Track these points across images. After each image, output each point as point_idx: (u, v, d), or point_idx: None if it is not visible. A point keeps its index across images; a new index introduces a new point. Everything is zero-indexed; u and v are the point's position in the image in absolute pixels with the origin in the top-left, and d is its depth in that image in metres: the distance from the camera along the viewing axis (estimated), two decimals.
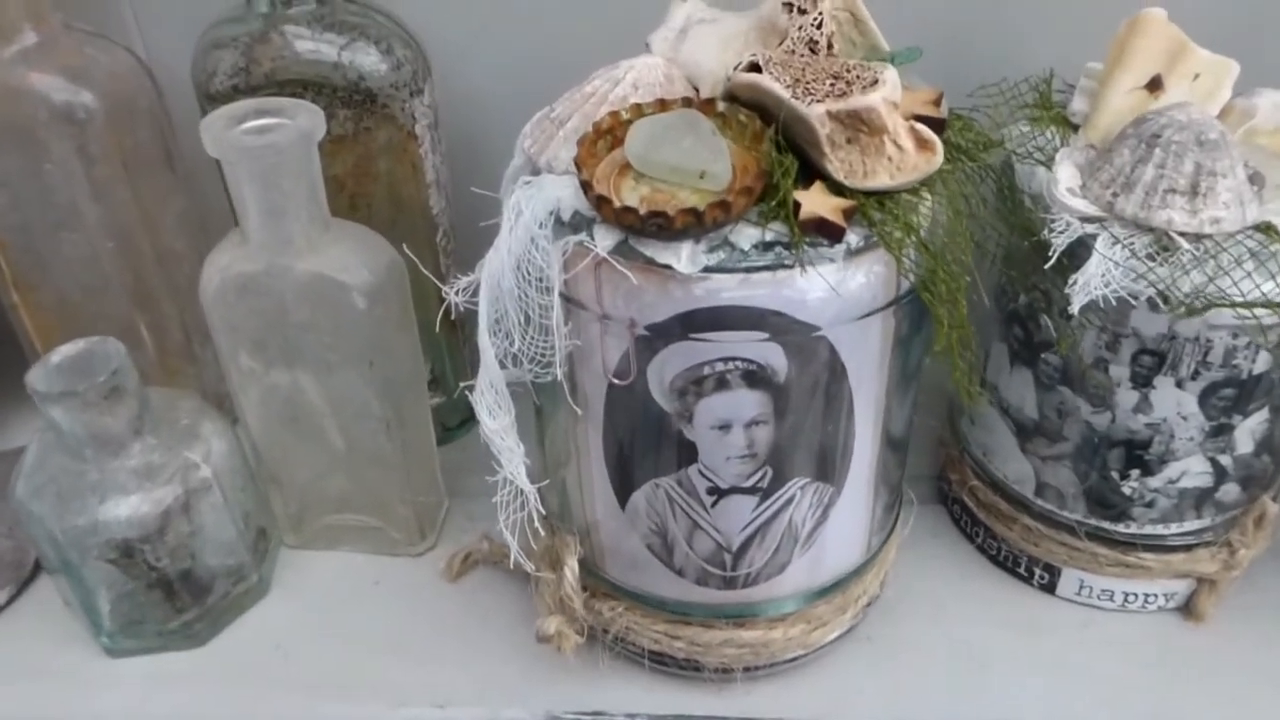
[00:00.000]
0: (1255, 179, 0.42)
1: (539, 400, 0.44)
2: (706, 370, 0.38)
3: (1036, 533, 0.52)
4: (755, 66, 0.38)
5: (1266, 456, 0.47)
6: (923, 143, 0.37)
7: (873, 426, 0.42)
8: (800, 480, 0.42)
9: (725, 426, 0.40)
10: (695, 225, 0.35)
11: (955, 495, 0.57)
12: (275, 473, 0.54)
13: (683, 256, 0.35)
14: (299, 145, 0.45)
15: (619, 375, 0.39)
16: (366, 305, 0.47)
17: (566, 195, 0.38)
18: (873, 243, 0.37)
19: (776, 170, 0.36)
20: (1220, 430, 0.45)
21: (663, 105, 0.38)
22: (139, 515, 0.47)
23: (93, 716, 0.49)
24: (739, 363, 0.38)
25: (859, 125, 0.36)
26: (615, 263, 0.36)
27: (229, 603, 0.53)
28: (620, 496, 0.44)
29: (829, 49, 0.40)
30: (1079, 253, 0.42)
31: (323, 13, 0.51)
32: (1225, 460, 0.47)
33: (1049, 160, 0.45)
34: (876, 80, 0.36)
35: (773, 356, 0.38)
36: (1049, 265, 0.42)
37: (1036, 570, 0.53)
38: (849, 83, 0.37)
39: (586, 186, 0.36)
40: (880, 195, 0.37)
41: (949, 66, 0.46)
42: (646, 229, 0.35)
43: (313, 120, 0.45)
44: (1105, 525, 0.50)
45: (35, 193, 0.53)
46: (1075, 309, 0.41)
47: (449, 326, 0.60)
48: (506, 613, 0.53)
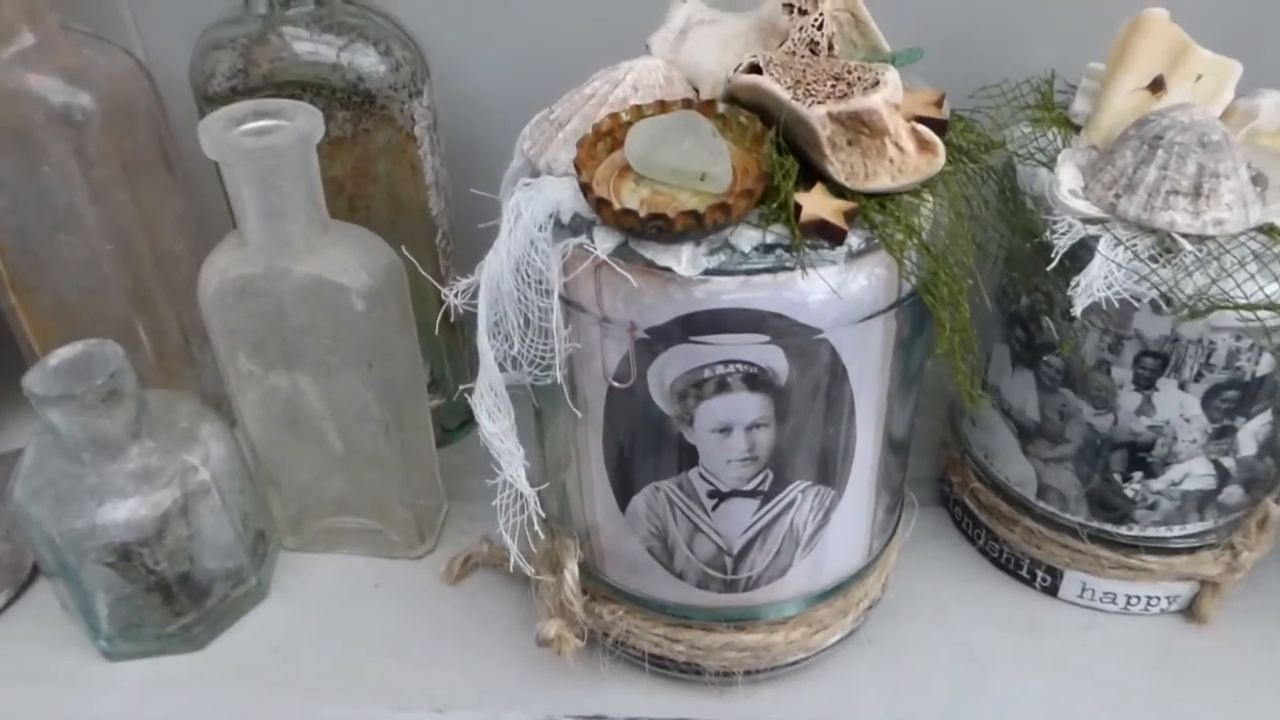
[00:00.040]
0: (1258, 180, 0.42)
1: (539, 403, 0.44)
2: (707, 373, 0.38)
3: (1038, 535, 0.52)
4: (756, 68, 0.38)
5: (1269, 459, 0.47)
6: (924, 144, 0.37)
7: (874, 429, 0.42)
8: (801, 483, 0.42)
9: (726, 429, 0.39)
10: (696, 228, 0.35)
11: (957, 497, 0.56)
12: (274, 475, 0.54)
13: (683, 259, 0.35)
14: (297, 147, 0.44)
15: (619, 378, 0.39)
16: (365, 307, 0.47)
17: (566, 197, 0.38)
18: (874, 245, 0.36)
19: (777, 172, 0.36)
20: (1223, 432, 0.45)
21: (663, 107, 0.38)
22: (137, 518, 0.47)
23: None
24: (740, 365, 0.38)
25: (860, 127, 0.36)
26: (615, 265, 0.36)
27: (228, 606, 0.52)
28: (620, 500, 0.43)
29: (830, 50, 0.40)
30: (1081, 254, 0.41)
31: (321, 14, 0.51)
32: (1228, 462, 0.46)
33: (1051, 161, 0.45)
34: (878, 81, 0.36)
35: (774, 359, 0.37)
36: (1051, 267, 0.41)
37: (1038, 573, 0.53)
38: (850, 84, 0.37)
39: (586, 189, 0.36)
40: (881, 197, 0.37)
41: (950, 67, 0.46)
42: (647, 231, 0.35)
43: (311, 122, 0.45)
44: (1107, 528, 0.49)
45: (33, 195, 0.53)
46: (1078, 311, 0.41)
47: (448, 328, 0.60)
48: (506, 616, 0.53)
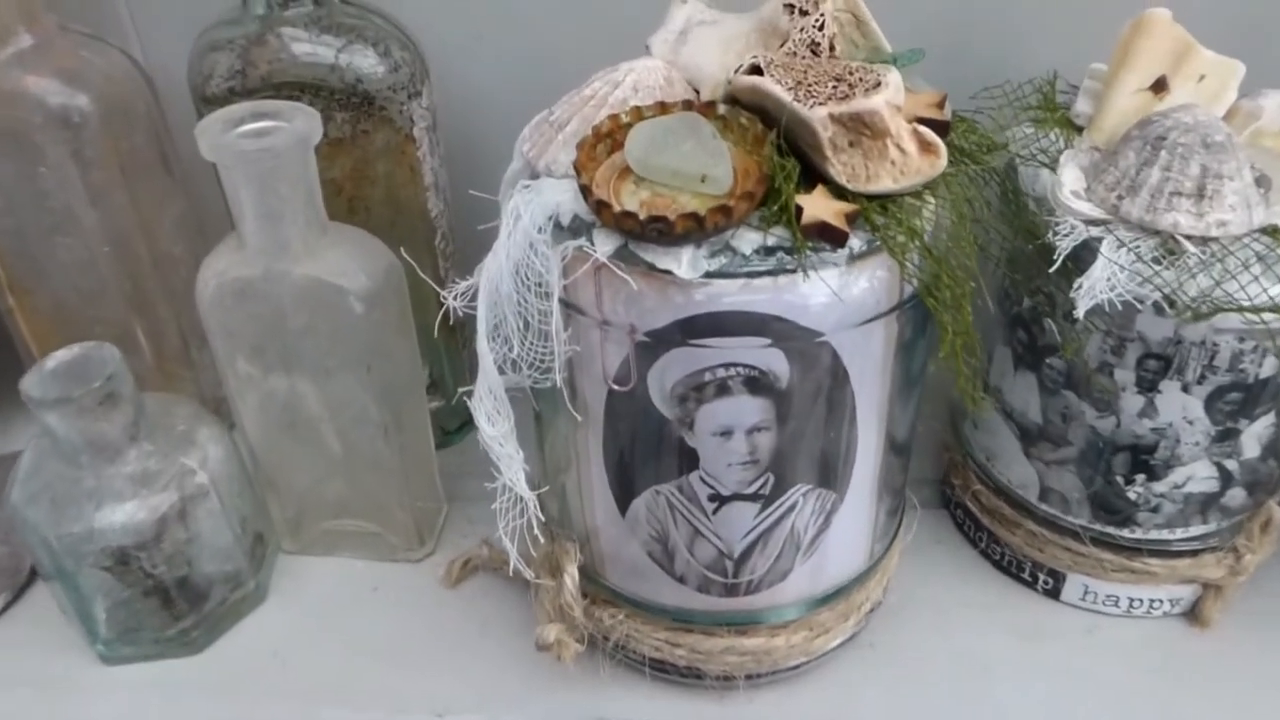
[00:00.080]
0: (1262, 181, 0.42)
1: (538, 406, 0.43)
2: (708, 376, 0.38)
3: (1040, 538, 0.51)
4: (756, 69, 0.37)
5: (1273, 461, 0.47)
6: (926, 146, 0.36)
7: (875, 432, 0.42)
8: (802, 487, 0.41)
9: (727, 433, 0.39)
10: (696, 230, 0.34)
11: (958, 500, 0.56)
12: (273, 478, 0.54)
13: (683, 261, 0.35)
14: (296, 149, 0.44)
15: (619, 381, 0.39)
16: (364, 310, 0.47)
17: (566, 199, 0.37)
18: (876, 247, 0.36)
19: (778, 174, 0.36)
20: (1226, 435, 0.45)
21: (663, 108, 0.38)
22: (135, 522, 0.47)
23: None
24: (740, 368, 0.37)
25: (861, 128, 0.36)
26: (615, 268, 0.35)
27: (226, 610, 0.52)
28: (621, 503, 0.43)
29: (831, 51, 0.40)
30: (1084, 256, 0.41)
31: (319, 15, 0.51)
32: (1231, 465, 0.46)
33: (1053, 163, 0.45)
34: (879, 83, 0.36)
35: (775, 362, 0.37)
36: (1053, 269, 0.41)
37: (1041, 576, 0.53)
38: (851, 85, 0.36)
39: (586, 191, 0.36)
40: (883, 199, 0.37)
41: (952, 68, 0.45)
42: (647, 234, 0.35)
43: (309, 123, 0.45)
44: (1110, 530, 0.49)
45: (30, 197, 0.53)
46: (1080, 313, 0.41)
47: (448, 330, 0.60)
48: (506, 620, 0.53)
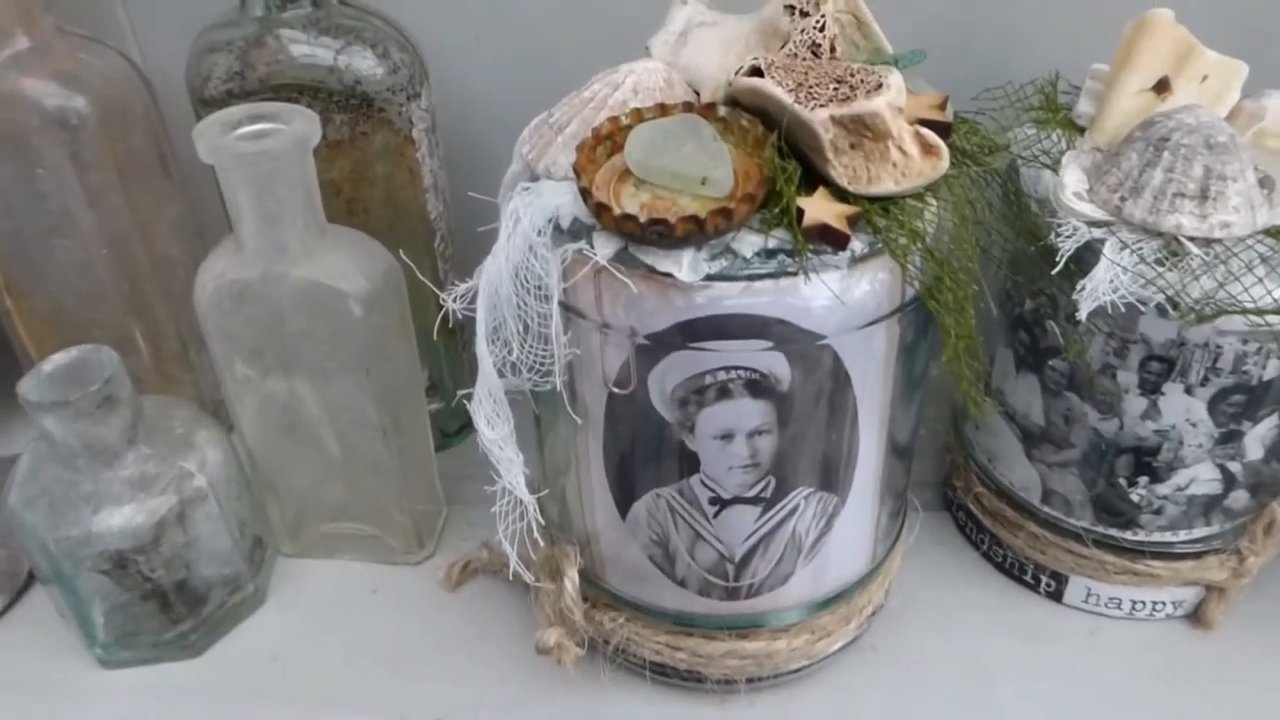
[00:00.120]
0: (1265, 182, 0.42)
1: (538, 409, 0.43)
2: (708, 379, 0.37)
3: (1043, 540, 0.51)
4: (757, 70, 0.37)
5: (1276, 463, 0.47)
6: (927, 147, 0.36)
7: (877, 435, 0.42)
8: (804, 490, 0.41)
9: (728, 436, 0.39)
10: (697, 233, 0.34)
11: (960, 502, 0.56)
12: (271, 481, 0.54)
13: (684, 264, 0.35)
14: (294, 151, 0.44)
15: (619, 384, 0.39)
16: (363, 312, 0.47)
17: (565, 202, 0.37)
18: (877, 249, 0.36)
19: (779, 176, 0.36)
20: (1229, 437, 0.45)
21: (663, 110, 0.38)
22: (133, 526, 0.47)
23: None
24: (741, 372, 0.37)
25: (863, 130, 0.35)
26: (615, 271, 0.35)
27: (225, 613, 0.52)
28: (621, 506, 0.43)
29: (832, 52, 0.40)
30: (1086, 258, 0.41)
31: (318, 16, 0.50)
32: (1234, 467, 0.46)
33: (1055, 164, 0.45)
34: (880, 84, 0.36)
35: (776, 365, 0.37)
36: (1056, 271, 0.41)
37: (1043, 578, 0.52)
38: (852, 87, 0.36)
39: (586, 193, 0.36)
40: (885, 201, 0.36)
41: (953, 69, 0.45)
42: (647, 237, 0.35)
43: (308, 125, 0.45)
44: (1113, 532, 0.49)
45: (28, 199, 0.53)
46: (1083, 315, 0.40)
47: (447, 333, 0.60)
48: (506, 623, 0.52)
